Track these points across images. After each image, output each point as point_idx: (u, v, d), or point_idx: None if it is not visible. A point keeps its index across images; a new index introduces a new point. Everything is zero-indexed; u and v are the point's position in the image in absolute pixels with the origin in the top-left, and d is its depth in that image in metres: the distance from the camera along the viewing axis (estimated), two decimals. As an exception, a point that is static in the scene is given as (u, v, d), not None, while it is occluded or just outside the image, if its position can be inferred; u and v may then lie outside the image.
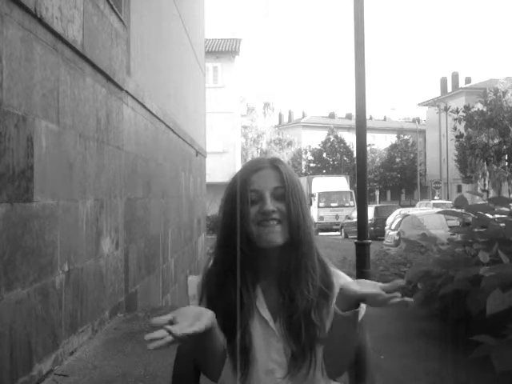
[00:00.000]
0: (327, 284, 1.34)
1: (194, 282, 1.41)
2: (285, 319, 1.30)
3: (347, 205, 29.66)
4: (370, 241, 6.78)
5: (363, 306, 1.36)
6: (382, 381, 3.28)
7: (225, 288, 1.31)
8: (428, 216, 14.22)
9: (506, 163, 26.06)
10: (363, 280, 1.23)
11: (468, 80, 51.04)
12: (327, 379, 1.33)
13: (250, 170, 1.33)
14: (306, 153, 58.16)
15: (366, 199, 6.92)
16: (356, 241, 6.89)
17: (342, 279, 1.38)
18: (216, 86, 28.00)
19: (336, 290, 1.34)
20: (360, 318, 1.35)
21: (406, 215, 15.77)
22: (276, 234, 1.28)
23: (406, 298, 1.13)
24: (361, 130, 6.76)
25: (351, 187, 32.10)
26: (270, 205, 1.28)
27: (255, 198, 1.29)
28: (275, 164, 1.34)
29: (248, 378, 1.30)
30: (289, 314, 1.28)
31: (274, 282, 1.35)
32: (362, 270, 6.48)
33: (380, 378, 3.29)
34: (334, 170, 51.76)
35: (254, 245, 1.29)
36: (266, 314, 1.32)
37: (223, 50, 28.93)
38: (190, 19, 11.27)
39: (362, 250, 6.69)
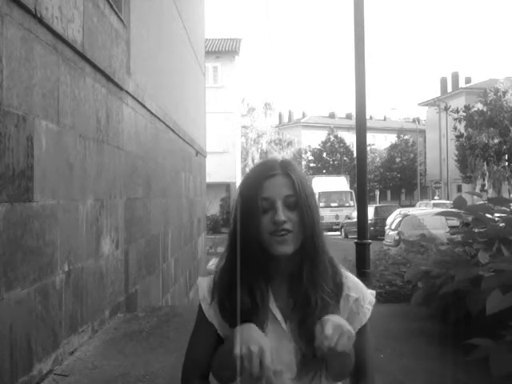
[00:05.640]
0: (337, 286, 1.35)
1: (203, 283, 1.41)
2: (297, 322, 1.30)
3: (347, 205, 29.69)
4: (369, 241, 6.79)
5: (369, 307, 1.36)
6: (381, 380, 3.29)
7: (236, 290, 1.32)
8: (428, 216, 14.22)
9: (506, 163, 26.05)
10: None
11: (468, 80, 50.99)
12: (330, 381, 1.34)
13: (262, 176, 1.32)
14: (305, 153, 58.12)
15: (366, 199, 6.93)
16: (356, 241, 6.90)
17: (351, 282, 1.38)
18: (216, 86, 28.02)
19: (344, 293, 1.35)
20: (365, 321, 1.35)
21: (405, 215, 15.77)
22: (287, 245, 1.28)
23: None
24: (361, 129, 6.77)
25: (351, 187, 32.10)
26: (282, 215, 1.27)
27: (267, 206, 1.29)
28: (287, 171, 1.33)
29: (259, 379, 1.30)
30: (302, 316, 1.29)
31: (284, 284, 1.35)
32: (362, 269, 6.49)
33: (379, 377, 3.29)
34: (334, 170, 51.73)
35: (266, 250, 1.30)
36: (278, 315, 1.33)
37: (223, 50, 28.94)
38: (190, 19, 11.27)
39: (361, 250, 6.70)
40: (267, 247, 1.29)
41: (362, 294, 1.35)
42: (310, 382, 1.31)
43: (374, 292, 1.41)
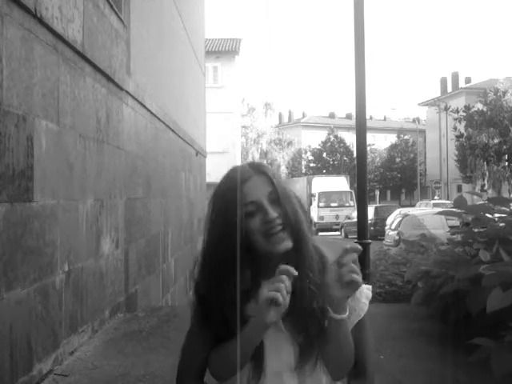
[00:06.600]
0: (322, 271, 1.35)
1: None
2: (289, 315, 1.30)
3: (347, 205, 29.63)
4: (369, 241, 6.78)
5: (366, 302, 1.36)
6: (380, 381, 3.28)
7: (222, 291, 1.32)
8: (428, 216, 14.21)
9: (506, 163, 26.05)
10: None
11: (468, 80, 50.97)
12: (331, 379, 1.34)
13: (238, 182, 1.32)
14: (305, 153, 58.11)
15: (366, 199, 6.92)
16: (356, 241, 6.90)
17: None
18: (216, 86, 27.99)
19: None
20: (362, 315, 1.35)
21: (405, 215, 15.76)
22: (286, 241, 1.29)
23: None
24: (361, 129, 6.76)
25: (351, 187, 32.07)
26: (272, 212, 1.28)
27: (253, 209, 1.28)
28: (260, 169, 1.33)
29: (257, 379, 1.30)
30: (292, 309, 1.28)
31: None
32: (361, 270, 6.46)
33: (379, 378, 3.29)
34: (334, 170, 51.69)
35: (256, 251, 1.30)
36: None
37: (223, 50, 28.92)
38: (190, 19, 11.27)
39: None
40: (263, 248, 1.29)
41: (358, 289, 1.35)
42: (310, 377, 1.31)
43: (370, 287, 1.41)
